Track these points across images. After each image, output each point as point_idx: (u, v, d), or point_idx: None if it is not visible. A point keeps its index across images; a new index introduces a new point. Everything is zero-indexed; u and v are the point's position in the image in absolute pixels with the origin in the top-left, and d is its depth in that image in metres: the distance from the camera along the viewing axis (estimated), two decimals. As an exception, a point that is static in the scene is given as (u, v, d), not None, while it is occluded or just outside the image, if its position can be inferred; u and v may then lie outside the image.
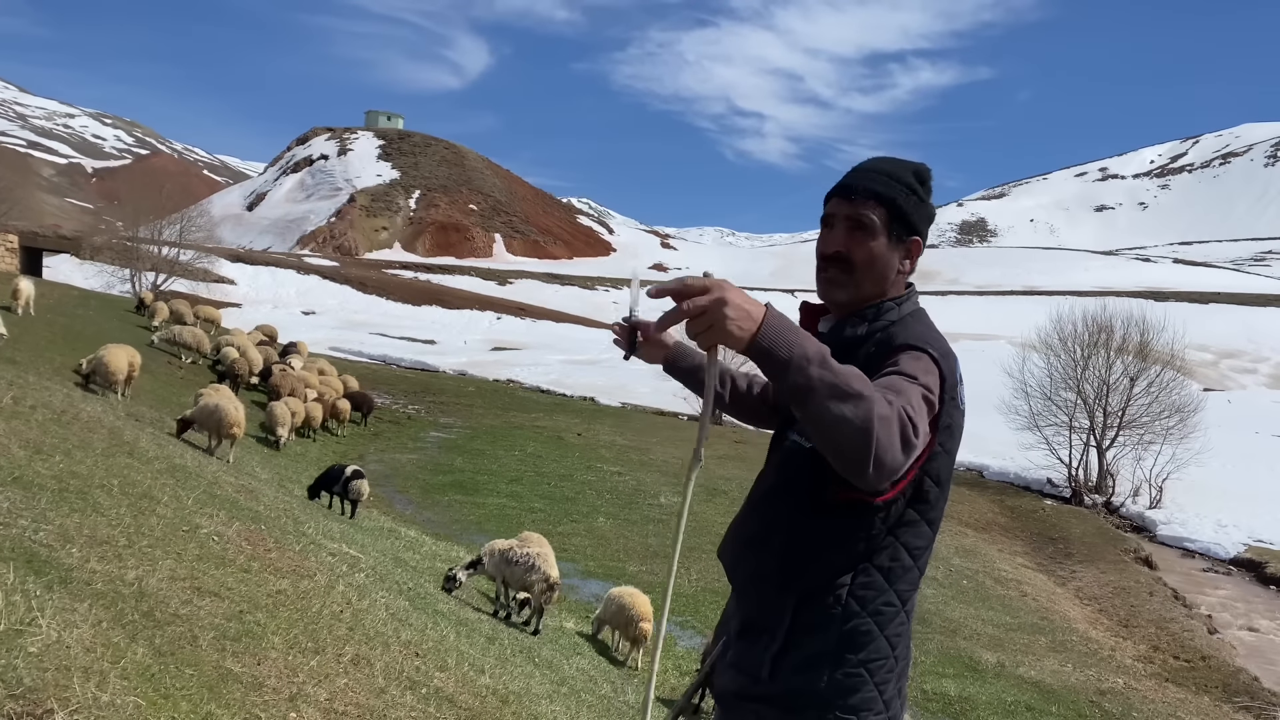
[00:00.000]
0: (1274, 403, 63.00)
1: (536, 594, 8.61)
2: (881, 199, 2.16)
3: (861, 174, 2.21)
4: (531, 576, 8.55)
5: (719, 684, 2.24)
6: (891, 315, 2.18)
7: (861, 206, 2.16)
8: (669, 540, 15.96)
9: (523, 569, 8.61)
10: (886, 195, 2.16)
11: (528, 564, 8.59)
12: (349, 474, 12.35)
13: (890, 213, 2.16)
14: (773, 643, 2.08)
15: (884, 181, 2.18)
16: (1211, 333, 75.01)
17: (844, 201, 2.18)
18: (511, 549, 8.83)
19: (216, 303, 52.90)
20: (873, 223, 2.16)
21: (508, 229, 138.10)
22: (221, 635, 3.61)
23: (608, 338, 14.44)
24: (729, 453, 27.09)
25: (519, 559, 8.66)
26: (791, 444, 2.20)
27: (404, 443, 22.80)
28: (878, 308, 2.19)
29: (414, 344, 50.70)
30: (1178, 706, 11.88)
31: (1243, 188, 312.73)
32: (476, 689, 4.69)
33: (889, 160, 2.25)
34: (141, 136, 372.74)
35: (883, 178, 2.19)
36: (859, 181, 2.19)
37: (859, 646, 2.04)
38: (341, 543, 8.13)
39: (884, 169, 2.22)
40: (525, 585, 8.64)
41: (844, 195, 2.19)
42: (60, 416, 7.42)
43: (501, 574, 8.83)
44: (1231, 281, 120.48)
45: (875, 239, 2.16)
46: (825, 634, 2.04)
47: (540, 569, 8.54)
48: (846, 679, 2.03)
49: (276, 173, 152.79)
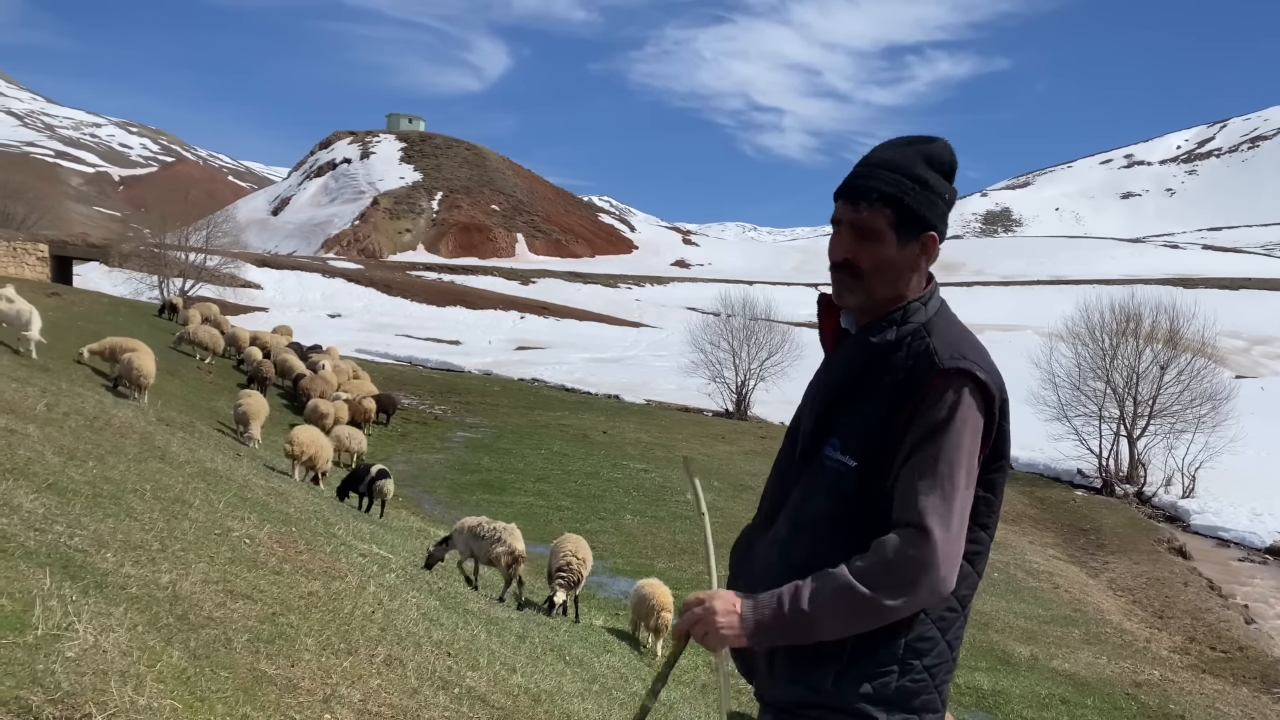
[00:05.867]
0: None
1: (503, 566, 8.91)
2: (887, 199, 2.05)
3: (866, 172, 2.10)
4: (496, 549, 8.85)
5: (769, 695, 2.14)
6: (919, 317, 2.10)
7: (865, 211, 2.07)
8: (697, 538, 15.94)
9: (488, 542, 8.90)
10: (893, 195, 2.06)
11: (493, 537, 8.88)
12: (374, 474, 12.45)
13: (898, 214, 2.06)
14: (836, 660, 2.01)
15: (889, 179, 2.07)
16: (1243, 319, 73.97)
17: (848, 206, 2.10)
18: (480, 524, 9.14)
19: (244, 307, 53.46)
20: (878, 229, 2.07)
21: (530, 229, 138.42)
22: (255, 638, 3.63)
23: (631, 335, 14.53)
24: (754, 448, 27.04)
25: (485, 533, 8.97)
26: (834, 463, 2.07)
27: (431, 443, 22.91)
28: (904, 310, 2.11)
29: (439, 345, 50.94)
30: (1216, 698, 11.73)
31: (1272, 171, 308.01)
32: (509, 688, 4.70)
33: (898, 147, 2.13)
34: (167, 144, 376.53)
35: (888, 174, 2.07)
36: (862, 182, 2.09)
37: (923, 653, 2.01)
38: (372, 543, 8.18)
39: (891, 162, 2.10)
40: (491, 558, 8.93)
41: (848, 199, 2.10)
42: (93, 423, 7.50)
43: (470, 548, 9.13)
44: (1263, 267, 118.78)
45: (883, 244, 2.08)
46: (892, 645, 2.00)
47: (505, 541, 8.82)
48: (913, 684, 2.01)
49: (300, 177, 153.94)
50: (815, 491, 2.10)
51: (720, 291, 49.23)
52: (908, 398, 2.01)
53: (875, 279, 2.10)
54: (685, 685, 8.62)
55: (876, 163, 2.11)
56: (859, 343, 2.13)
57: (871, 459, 2.02)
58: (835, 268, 2.13)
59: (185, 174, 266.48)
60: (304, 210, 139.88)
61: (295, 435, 13.67)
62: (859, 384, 2.09)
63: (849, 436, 2.06)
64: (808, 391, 2.25)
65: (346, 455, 17.21)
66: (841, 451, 2.07)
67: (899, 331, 2.09)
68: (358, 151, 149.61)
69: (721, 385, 37.31)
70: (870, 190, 2.07)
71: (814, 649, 2.00)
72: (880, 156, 2.12)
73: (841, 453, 2.06)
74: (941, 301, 2.18)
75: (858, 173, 2.12)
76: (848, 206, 2.10)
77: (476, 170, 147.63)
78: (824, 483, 2.08)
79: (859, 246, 2.09)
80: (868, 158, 2.14)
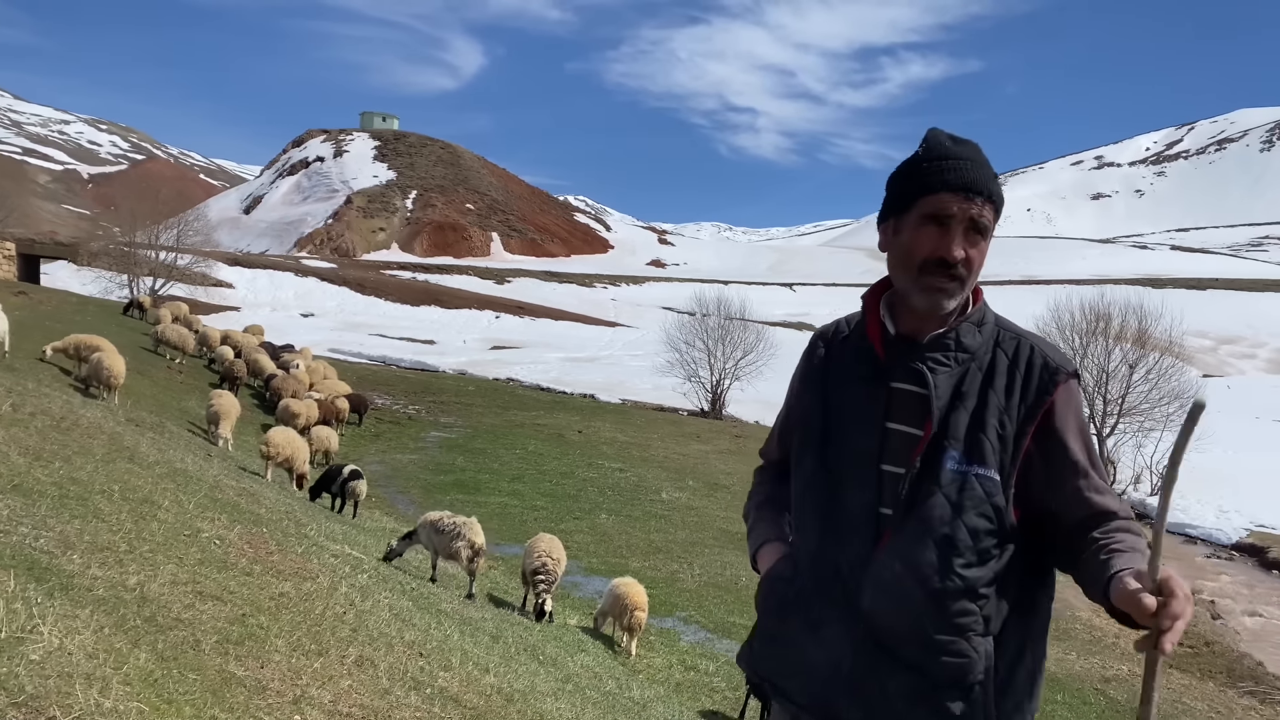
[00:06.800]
0: (1273, 388, 63.03)
1: (464, 560, 8.95)
2: (993, 198, 1.99)
3: (975, 168, 1.99)
4: (457, 544, 8.89)
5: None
6: (990, 314, 2.08)
7: (983, 207, 1.98)
8: (672, 537, 15.98)
9: (449, 537, 8.95)
10: (998, 194, 2.01)
11: (454, 532, 8.93)
12: (347, 474, 12.39)
13: (996, 212, 2.01)
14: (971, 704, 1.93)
15: (992, 176, 2.01)
16: (1210, 319, 75.10)
17: (964, 200, 1.96)
18: (441, 519, 9.20)
19: (216, 306, 52.96)
20: (989, 225, 2.00)
21: (505, 228, 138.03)
22: (224, 639, 3.61)
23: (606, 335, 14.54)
24: (729, 447, 27.10)
25: (446, 527, 9.02)
26: (975, 476, 1.95)
27: (405, 443, 22.80)
28: (981, 310, 2.07)
29: (413, 344, 50.69)
30: (1183, 693, 11.89)
31: (1239, 173, 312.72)
32: (481, 688, 4.69)
33: (973, 146, 2.04)
34: (137, 142, 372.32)
35: (988, 172, 2.01)
36: (978, 177, 1.98)
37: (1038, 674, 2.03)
38: (344, 544, 8.13)
39: (982, 160, 2.01)
40: (452, 553, 8.97)
41: (964, 193, 1.96)
42: (60, 423, 7.41)
43: (433, 543, 9.18)
44: (1229, 268, 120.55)
45: (987, 241, 2.02)
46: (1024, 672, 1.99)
47: (465, 535, 8.88)
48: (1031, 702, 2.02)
49: (273, 175, 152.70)
50: (961, 507, 1.94)
51: (695, 291, 49.33)
52: (1040, 404, 1.97)
53: (973, 279, 2.03)
54: (659, 684, 8.63)
55: (975, 159, 2.01)
56: (950, 344, 2.04)
57: (1002, 467, 1.96)
58: (942, 267, 1.98)
59: (156, 172, 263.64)
60: (277, 209, 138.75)
61: (271, 437, 13.57)
62: (965, 392, 1.99)
63: (975, 447, 1.96)
64: (845, 402, 2.09)
65: (321, 456, 17.11)
66: (971, 463, 1.95)
67: (983, 332, 2.05)
68: (331, 150, 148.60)
69: (697, 384, 37.39)
70: (986, 184, 1.99)
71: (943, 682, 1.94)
72: (974, 154, 2.02)
73: (974, 463, 1.95)
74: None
75: (968, 167, 1.99)
76: (964, 200, 1.97)
77: (451, 169, 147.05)
78: (970, 497, 1.94)
79: (971, 243, 1.99)
80: (964, 153, 2.01)
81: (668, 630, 10.94)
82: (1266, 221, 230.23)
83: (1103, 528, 1.91)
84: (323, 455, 17.06)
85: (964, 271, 1.98)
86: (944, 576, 1.92)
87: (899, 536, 1.96)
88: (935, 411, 1.98)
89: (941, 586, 1.92)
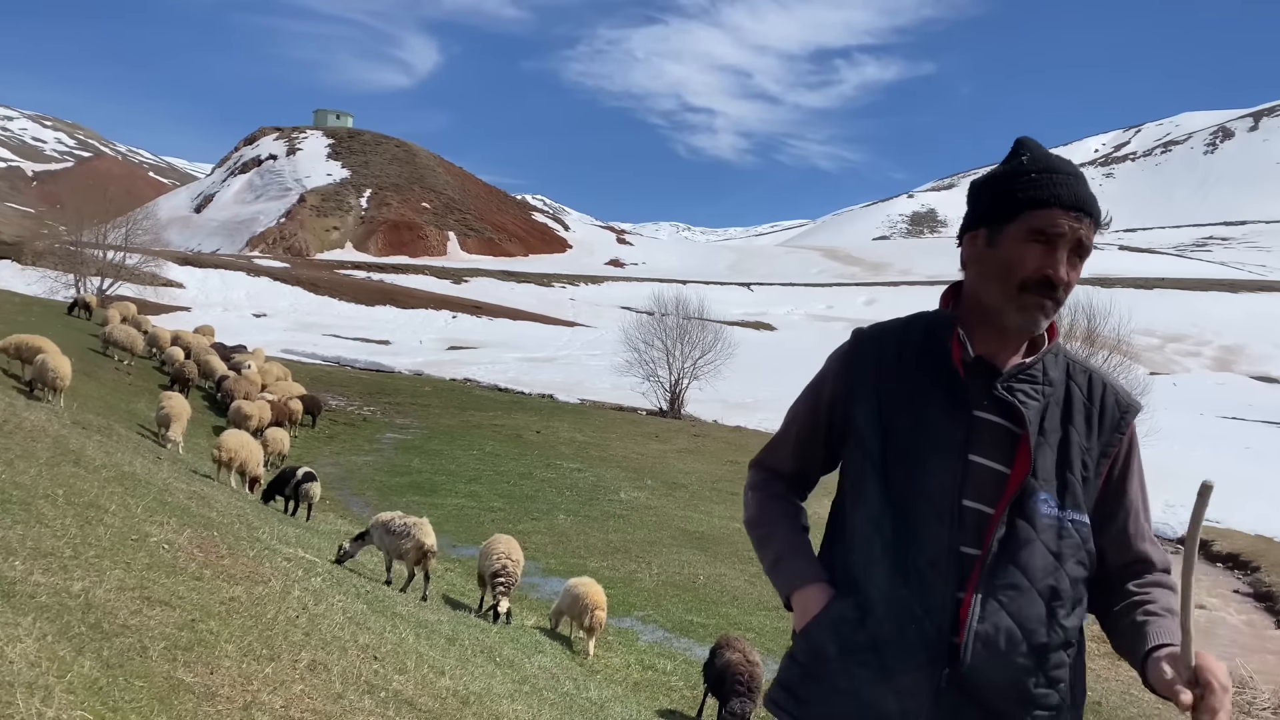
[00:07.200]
0: (1217, 384, 64.64)
1: (410, 561, 8.96)
2: (1098, 221, 1.87)
3: (1084, 185, 1.86)
4: (406, 544, 8.90)
5: None
6: (1058, 346, 1.97)
7: (1090, 228, 1.85)
8: (630, 536, 15.98)
9: (398, 537, 8.96)
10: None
11: (404, 532, 8.94)
12: (300, 476, 12.25)
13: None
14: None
15: (1095, 197, 1.88)
16: (1157, 318, 76.73)
17: (1075, 219, 1.83)
18: (392, 519, 9.22)
19: (165, 307, 52.02)
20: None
21: (462, 227, 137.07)
22: (173, 645, 3.54)
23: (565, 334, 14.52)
24: (688, 446, 27.19)
25: (397, 528, 9.03)
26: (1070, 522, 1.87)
27: (360, 445, 22.57)
28: (1058, 341, 1.97)
29: (368, 345, 50.18)
30: (1130, 684, 12.12)
31: (1184, 175, 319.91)
32: (436, 691, 4.65)
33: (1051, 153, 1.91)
34: (84, 139, 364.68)
35: (1092, 192, 1.87)
36: (1088, 196, 1.85)
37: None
38: (297, 547, 8.03)
39: (1074, 167, 1.89)
40: (401, 552, 8.98)
41: (1076, 210, 1.83)
42: (1, 426, 7.23)
43: (385, 544, 9.18)
44: (1175, 267, 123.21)
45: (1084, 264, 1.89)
46: (1080, 708, 1.95)
47: (414, 535, 8.89)
48: None
49: (224, 174, 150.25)
50: (1062, 556, 1.85)
51: (654, 291, 49.37)
52: (1113, 443, 1.92)
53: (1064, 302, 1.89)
54: (617, 684, 8.63)
55: (1074, 171, 1.88)
56: (1043, 379, 1.92)
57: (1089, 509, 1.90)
58: (1046, 286, 1.84)
59: (103, 170, 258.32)
60: (228, 207, 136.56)
61: (224, 440, 13.37)
62: (1048, 428, 1.89)
63: (1067, 489, 1.87)
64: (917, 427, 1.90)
65: (275, 458, 16.88)
66: (1065, 507, 1.87)
67: (1059, 365, 1.95)
68: (284, 148, 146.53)
69: (655, 384, 37.42)
70: (1094, 204, 1.86)
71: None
72: (1065, 165, 1.89)
73: (1068, 508, 1.87)
74: None
75: (1070, 180, 1.86)
76: (1075, 220, 1.83)
77: (407, 167, 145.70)
78: (1069, 545, 1.86)
79: (1074, 266, 1.86)
80: (1055, 161, 1.89)
81: (626, 630, 10.95)
82: (1210, 222, 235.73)
83: (1139, 580, 1.90)
84: (277, 457, 16.85)
85: (1063, 294, 1.85)
86: (1050, 630, 1.84)
87: (999, 587, 1.82)
88: (1032, 450, 1.86)
89: (1047, 640, 1.84)
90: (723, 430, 32.55)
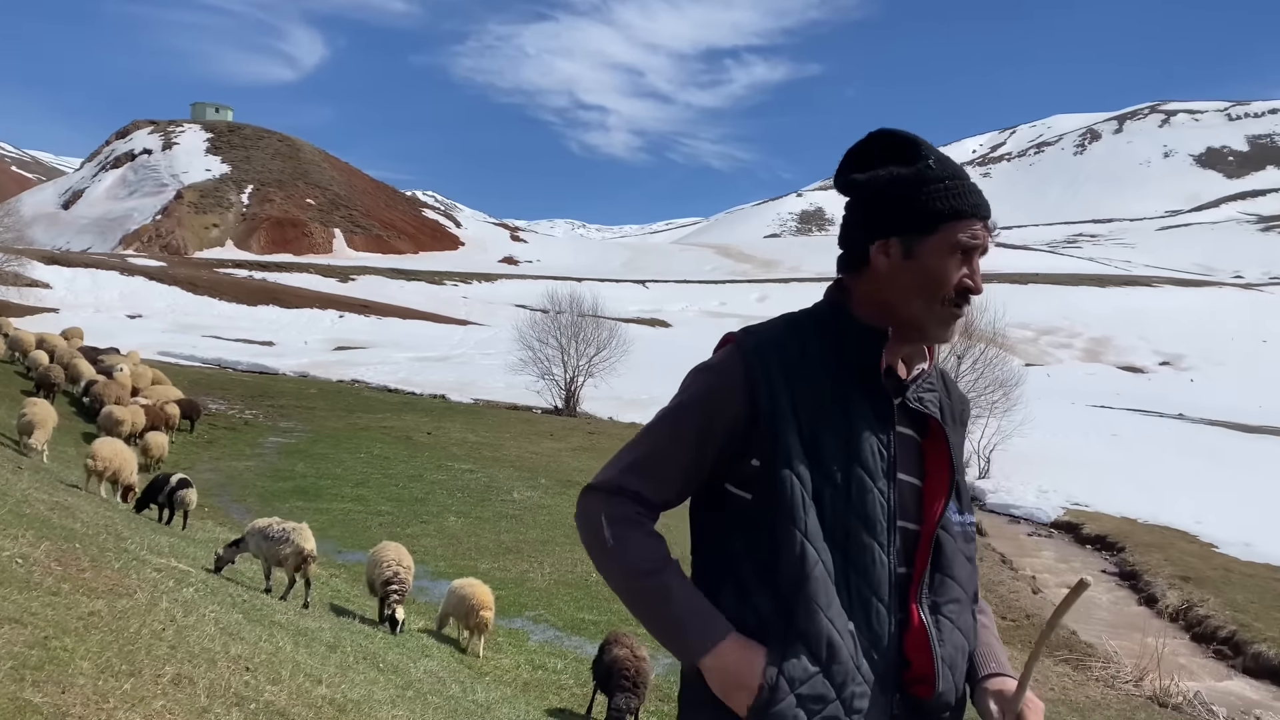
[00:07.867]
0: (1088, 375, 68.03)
1: (290, 567, 8.77)
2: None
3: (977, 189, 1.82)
4: (285, 550, 8.72)
5: None
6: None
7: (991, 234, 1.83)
8: (523, 536, 15.89)
9: (276, 542, 8.77)
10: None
11: (283, 537, 8.76)
12: (174, 483, 11.78)
13: None
14: None
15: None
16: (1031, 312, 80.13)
17: (987, 229, 1.80)
18: (270, 525, 9.03)
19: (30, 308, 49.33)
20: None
21: (348, 224, 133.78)
22: (21, 665, 3.37)
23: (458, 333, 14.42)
24: (583, 444, 27.18)
25: (275, 534, 8.84)
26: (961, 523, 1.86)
27: (241, 449, 21.83)
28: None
29: (251, 346, 48.55)
30: (1005, 663, 12.66)
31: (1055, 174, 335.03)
32: (312, 700, 4.54)
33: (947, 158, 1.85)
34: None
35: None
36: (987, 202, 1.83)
37: None
38: (170, 557, 7.73)
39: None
40: (280, 559, 8.79)
41: (988, 219, 1.81)
42: None
43: (262, 551, 8.97)
44: (1048, 263, 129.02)
45: None
46: None
47: (293, 541, 8.72)
48: None
49: (95, 169, 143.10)
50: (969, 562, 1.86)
51: (549, 288, 49.11)
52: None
53: None
54: (506, 685, 8.58)
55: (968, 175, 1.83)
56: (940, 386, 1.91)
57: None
58: (964, 297, 1.80)
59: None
60: (99, 204, 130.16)
61: (97, 449, 12.73)
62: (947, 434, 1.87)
63: (960, 493, 1.86)
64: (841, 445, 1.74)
65: (155, 464, 16.20)
66: (963, 511, 1.85)
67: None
68: (159, 142, 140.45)
69: (550, 382, 37.30)
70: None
71: None
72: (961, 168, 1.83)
73: (965, 512, 1.86)
74: None
75: (977, 190, 1.81)
76: (986, 230, 1.80)
77: (290, 162, 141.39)
78: (972, 549, 1.88)
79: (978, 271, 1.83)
80: (960, 168, 1.82)
81: (516, 630, 10.88)
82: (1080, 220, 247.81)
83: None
84: (156, 463, 16.18)
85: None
86: (975, 635, 1.86)
87: (942, 604, 1.79)
88: (952, 460, 1.83)
89: (973, 645, 1.86)
90: (618, 427, 32.64)
